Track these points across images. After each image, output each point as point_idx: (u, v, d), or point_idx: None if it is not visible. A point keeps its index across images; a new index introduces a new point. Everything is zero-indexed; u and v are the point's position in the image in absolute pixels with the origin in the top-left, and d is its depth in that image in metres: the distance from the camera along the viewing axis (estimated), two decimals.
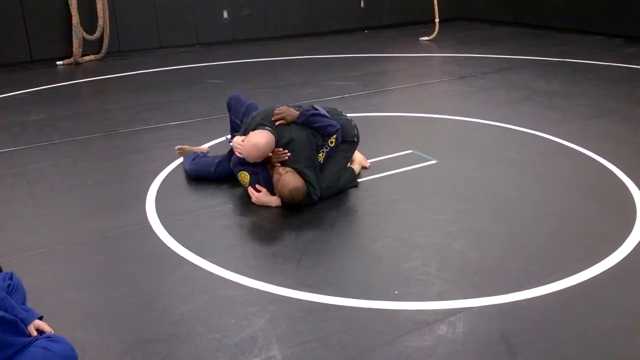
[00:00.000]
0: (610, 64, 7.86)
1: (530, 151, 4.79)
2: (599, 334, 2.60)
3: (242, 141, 3.85)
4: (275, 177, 3.83)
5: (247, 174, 3.92)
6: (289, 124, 3.94)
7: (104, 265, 3.28)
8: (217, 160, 4.33)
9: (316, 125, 3.96)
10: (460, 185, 4.19)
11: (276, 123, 3.93)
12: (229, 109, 4.50)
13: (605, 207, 3.78)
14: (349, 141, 4.17)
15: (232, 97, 4.52)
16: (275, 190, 3.86)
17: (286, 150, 3.88)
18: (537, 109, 5.93)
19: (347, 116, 4.29)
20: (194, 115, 6.00)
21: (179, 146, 4.56)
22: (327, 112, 4.14)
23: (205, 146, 4.67)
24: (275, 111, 3.96)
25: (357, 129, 4.26)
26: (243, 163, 3.94)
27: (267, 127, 3.89)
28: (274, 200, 3.91)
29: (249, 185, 3.93)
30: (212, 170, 4.29)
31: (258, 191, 3.91)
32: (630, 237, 3.37)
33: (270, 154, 3.88)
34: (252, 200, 3.92)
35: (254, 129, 3.92)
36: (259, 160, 3.87)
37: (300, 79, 7.66)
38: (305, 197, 3.84)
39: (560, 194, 4.00)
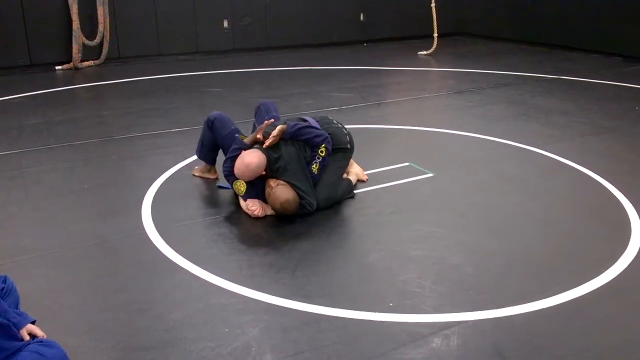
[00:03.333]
0: (609, 82, 7.92)
1: (526, 167, 4.80)
2: (593, 350, 2.59)
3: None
4: (267, 190, 3.85)
5: (243, 182, 3.91)
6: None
7: (98, 271, 3.27)
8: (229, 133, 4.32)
9: (303, 137, 3.97)
10: (456, 199, 4.19)
11: (266, 143, 3.88)
12: (256, 113, 4.57)
13: (601, 224, 3.79)
14: (342, 148, 4.18)
15: (264, 103, 4.61)
16: (269, 203, 3.88)
17: (277, 130, 3.88)
18: (534, 125, 5.96)
19: (338, 124, 4.30)
20: (192, 122, 5.99)
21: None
22: (318, 121, 4.17)
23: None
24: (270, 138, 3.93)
25: (349, 136, 4.27)
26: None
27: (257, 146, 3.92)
28: (269, 209, 3.93)
29: (245, 194, 3.92)
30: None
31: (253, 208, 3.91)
32: (625, 254, 3.38)
33: (264, 172, 3.88)
34: (253, 215, 3.90)
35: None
36: (251, 179, 3.86)
37: (299, 89, 7.68)
38: (298, 208, 3.84)
39: (556, 210, 4.01)
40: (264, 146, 3.90)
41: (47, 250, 3.48)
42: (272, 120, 3.99)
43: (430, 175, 4.59)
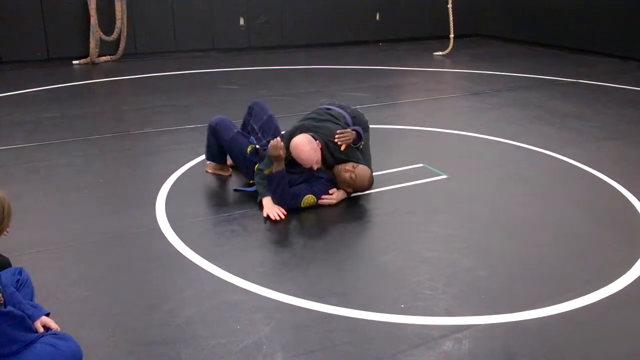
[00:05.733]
0: (625, 86, 7.84)
1: (541, 171, 4.77)
2: (606, 358, 2.58)
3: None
4: (347, 175, 3.98)
5: (310, 195, 3.96)
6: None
7: (111, 265, 3.29)
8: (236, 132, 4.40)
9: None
10: (470, 201, 4.18)
11: (342, 148, 4.03)
12: (250, 112, 4.59)
13: (615, 230, 3.76)
14: (366, 127, 4.42)
15: (257, 102, 4.64)
16: (353, 189, 4.08)
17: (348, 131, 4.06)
18: (550, 129, 5.92)
19: (350, 106, 4.50)
20: (208, 119, 5.97)
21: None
22: (343, 107, 4.40)
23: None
24: (340, 136, 4.02)
25: (364, 115, 4.53)
26: (293, 185, 3.96)
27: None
28: (342, 194, 4.12)
29: (317, 201, 3.99)
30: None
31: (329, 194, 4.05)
32: None
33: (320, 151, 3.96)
34: (329, 203, 4.02)
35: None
36: (317, 160, 3.93)
37: (313, 88, 7.68)
38: None
39: (570, 215, 3.98)
40: (342, 149, 4.04)
41: (62, 243, 3.51)
42: (279, 138, 4.00)
43: (444, 176, 4.58)
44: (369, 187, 4.13)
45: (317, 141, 3.98)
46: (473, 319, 2.80)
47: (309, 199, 3.95)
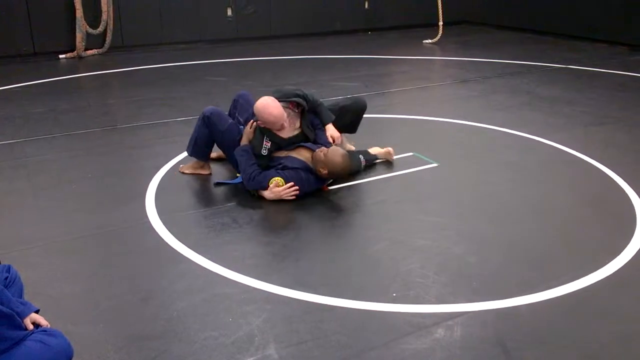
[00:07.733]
0: (614, 71, 7.86)
1: (531, 157, 4.78)
2: (597, 342, 2.59)
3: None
4: (321, 154, 3.92)
5: (278, 177, 3.90)
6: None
7: (101, 260, 3.28)
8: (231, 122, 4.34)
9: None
10: (460, 189, 4.18)
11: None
12: (235, 105, 4.55)
13: (605, 215, 3.78)
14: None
15: (242, 94, 4.63)
16: (328, 169, 3.91)
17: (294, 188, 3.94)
18: (539, 115, 5.93)
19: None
20: (196, 111, 5.93)
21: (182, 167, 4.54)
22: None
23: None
24: None
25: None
26: (263, 166, 4.00)
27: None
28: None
29: (286, 184, 3.91)
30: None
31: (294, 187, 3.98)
32: (630, 245, 3.37)
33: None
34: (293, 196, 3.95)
35: None
36: (281, 118, 3.98)
37: (302, 78, 7.65)
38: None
39: (560, 200, 4.00)
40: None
41: (51, 239, 3.48)
42: (255, 122, 4.07)
43: (434, 165, 4.58)
44: (345, 170, 3.92)
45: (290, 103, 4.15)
46: (464, 306, 2.81)
47: (277, 181, 3.89)
